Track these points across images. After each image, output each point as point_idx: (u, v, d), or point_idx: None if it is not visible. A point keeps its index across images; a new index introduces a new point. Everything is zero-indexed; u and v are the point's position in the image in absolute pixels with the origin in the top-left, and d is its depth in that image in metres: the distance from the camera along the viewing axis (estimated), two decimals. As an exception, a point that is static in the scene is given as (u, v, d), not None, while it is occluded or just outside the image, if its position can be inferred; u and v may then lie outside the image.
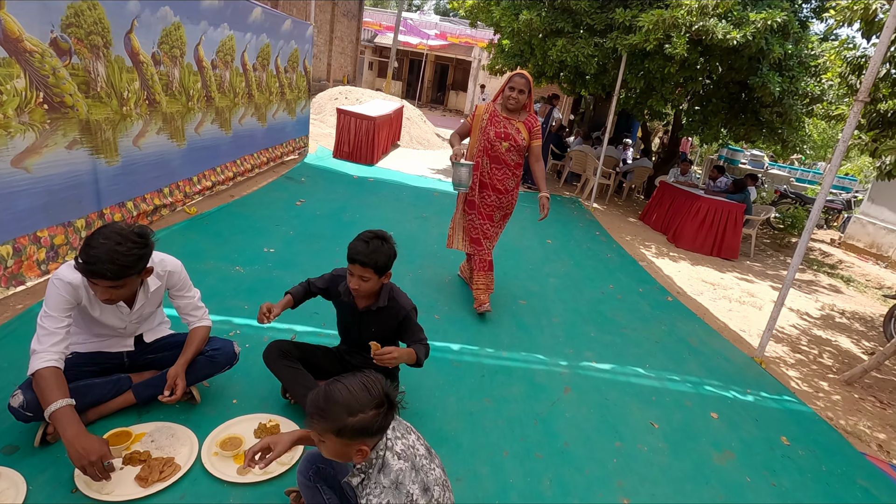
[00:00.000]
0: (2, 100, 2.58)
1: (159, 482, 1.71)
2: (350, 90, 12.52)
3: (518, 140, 3.37)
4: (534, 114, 3.44)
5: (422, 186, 7.58)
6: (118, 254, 1.62)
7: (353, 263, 1.98)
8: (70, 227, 3.16)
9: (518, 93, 3.28)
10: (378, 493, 1.25)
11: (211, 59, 4.90)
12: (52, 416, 1.58)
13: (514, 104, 3.31)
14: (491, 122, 3.40)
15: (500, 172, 3.46)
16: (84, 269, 1.62)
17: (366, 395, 1.26)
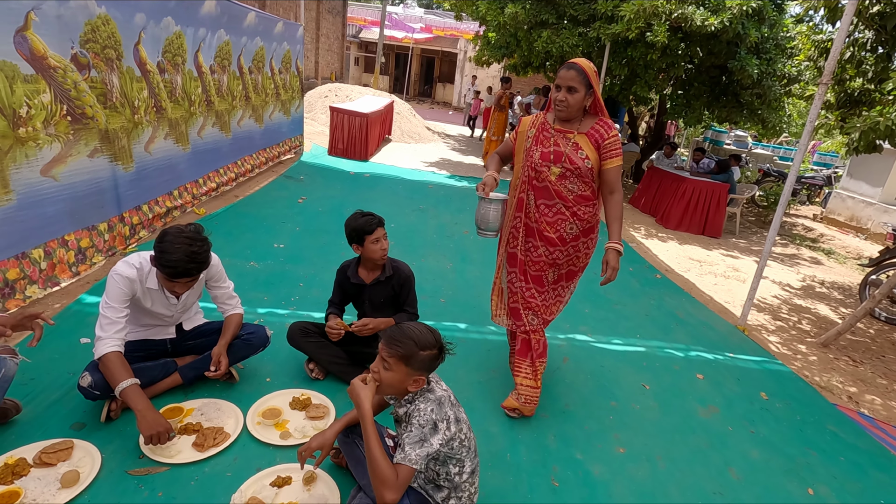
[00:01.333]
0: (31, 114, 2.77)
1: (213, 447, 1.95)
2: (339, 87, 12.65)
3: (577, 161, 2.21)
4: (605, 120, 2.24)
5: (416, 180, 7.80)
6: (196, 254, 1.90)
7: (375, 230, 2.37)
8: (94, 231, 3.36)
9: (567, 92, 2.15)
10: (424, 403, 1.54)
11: (209, 65, 5.07)
12: (122, 393, 1.83)
13: (565, 109, 2.18)
14: (537, 139, 2.30)
15: (552, 212, 2.29)
16: (172, 273, 1.88)
17: (431, 336, 1.56)
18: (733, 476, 2.31)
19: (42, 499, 1.65)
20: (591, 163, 2.21)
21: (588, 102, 2.20)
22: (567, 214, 2.27)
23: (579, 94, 2.14)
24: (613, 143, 2.20)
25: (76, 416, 2.04)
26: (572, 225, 2.29)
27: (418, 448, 1.48)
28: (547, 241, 2.32)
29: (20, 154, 2.73)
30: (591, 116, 2.26)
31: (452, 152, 11.30)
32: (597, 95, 2.18)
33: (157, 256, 1.90)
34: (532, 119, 2.37)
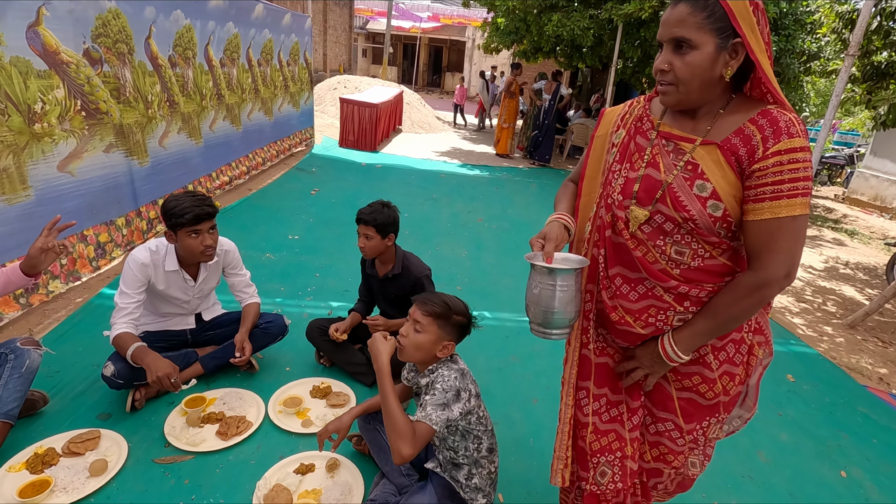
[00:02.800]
0: (45, 109, 2.78)
1: (237, 436, 1.96)
2: (348, 79, 12.60)
3: (688, 202, 1.10)
4: (776, 113, 1.04)
5: (428, 169, 7.76)
6: (202, 199, 2.05)
7: (358, 224, 2.30)
8: (112, 226, 3.38)
9: (674, 50, 1.06)
10: (448, 371, 1.53)
11: (219, 58, 5.06)
12: (132, 355, 1.91)
13: (671, 91, 1.10)
14: (625, 150, 1.24)
15: (637, 293, 1.21)
16: (192, 218, 1.99)
17: (462, 304, 1.59)
18: (762, 459, 2.26)
19: (72, 487, 1.66)
20: (720, 206, 1.07)
21: (730, 70, 1.05)
22: (669, 301, 1.16)
23: (700, 55, 1.03)
24: (789, 168, 1.01)
25: (102, 407, 2.06)
26: (671, 313, 1.17)
27: (440, 411, 1.44)
28: (623, 334, 1.24)
29: (37, 150, 2.75)
30: (746, 103, 1.10)
31: (463, 141, 11.22)
32: (755, 58, 1.04)
33: (172, 215, 1.97)
34: (624, 109, 1.28)
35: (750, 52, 1.04)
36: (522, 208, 6.16)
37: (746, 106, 1.11)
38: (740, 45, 1.05)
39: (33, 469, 1.70)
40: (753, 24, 1.04)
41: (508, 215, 5.76)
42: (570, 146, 10.26)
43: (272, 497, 1.67)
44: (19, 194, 2.65)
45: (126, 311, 2.00)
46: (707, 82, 1.08)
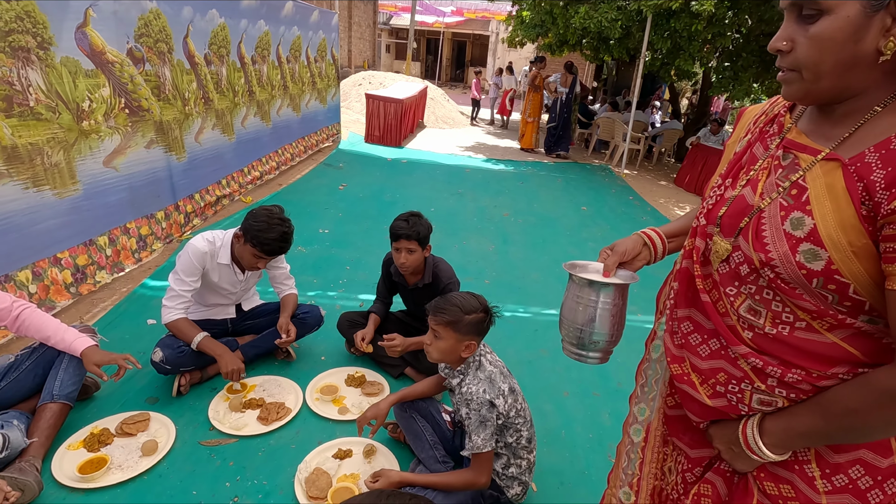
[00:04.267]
0: (92, 107, 2.91)
1: (277, 421, 2.03)
2: (373, 75, 12.69)
3: (772, 241, 0.77)
4: None
5: (453, 164, 7.78)
6: (287, 234, 2.12)
7: (399, 239, 2.22)
8: (152, 219, 3.51)
9: (798, 21, 0.74)
10: (476, 382, 1.57)
11: (251, 55, 5.17)
12: (199, 346, 2.05)
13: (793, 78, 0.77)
14: (738, 162, 0.92)
15: (707, 346, 0.88)
16: (267, 251, 2.08)
17: (475, 301, 1.61)
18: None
19: (126, 465, 1.76)
20: (821, 256, 0.72)
21: (893, 42, 0.68)
22: (745, 371, 0.83)
23: (835, 23, 0.70)
24: None
25: (150, 391, 2.16)
26: (760, 397, 0.82)
27: (482, 431, 1.53)
28: (691, 409, 0.93)
29: (84, 146, 2.87)
30: None
31: (488, 136, 11.19)
32: None
33: (255, 235, 2.05)
34: (764, 108, 0.97)
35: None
36: (548, 203, 6.14)
37: None
38: None
39: (90, 447, 1.80)
40: None
41: (534, 210, 5.75)
42: (595, 140, 10.14)
43: (313, 480, 1.73)
44: (69, 188, 2.77)
45: (182, 299, 2.10)
46: (848, 64, 0.71)
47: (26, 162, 2.48)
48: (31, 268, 2.55)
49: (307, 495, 1.69)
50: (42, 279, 2.60)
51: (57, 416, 1.80)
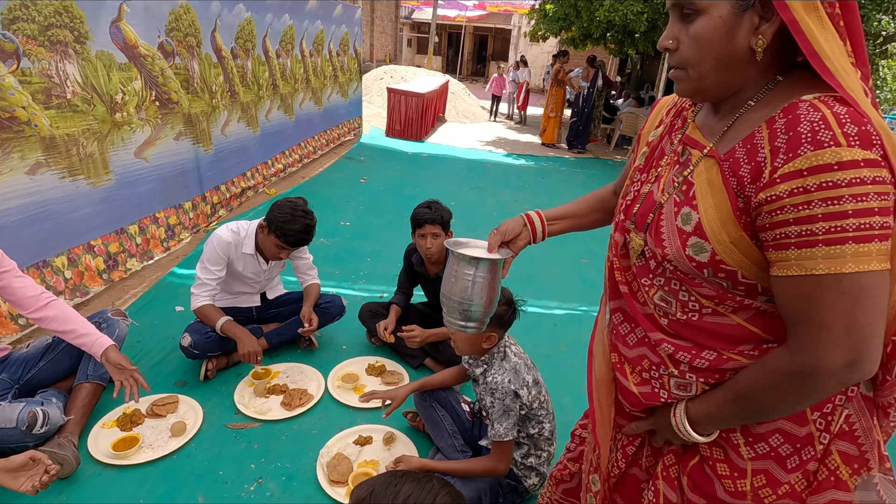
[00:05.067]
0: (125, 100, 2.99)
1: (300, 407, 2.08)
2: (394, 69, 12.72)
3: (666, 235, 0.82)
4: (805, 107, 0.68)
5: (474, 158, 7.77)
6: (310, 226, 2.17)
7: (424, 225, 2.25)
8: (180, 209, 3.61)
9: (680, 21, 0.77)
10: (501, 372, 1.58)
11: (275, 49, 5.25)
12: (222, 328, 2.12)
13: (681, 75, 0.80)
14: (652, 155, 0.95)
15: (633, 336, 0.94)
16: (290, 242, 2.13)
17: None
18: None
19: (157, 444, 1.83)
20: (706, 248, 0.77)
21: (761, 39, 0.72)
22: (662, 357, 0.88)
23: (709, 22, 0.73)
24: (820, 199, 0.65)
25: (178, 375, 2.23)
26: (677, 381, 0.87)
27: (505, 420, 1.55)
28: (627, 399, 0.96)
29: (117, 137, 2.96)
30: (792, 88, 0.74)
31: (508, 131, 11.13)
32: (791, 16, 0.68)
33: (279, 226, 2.10)
34: (675, 99, 0.98)
35: (778, 3, 0.68)
36: (569, 198, 5.99)
37: (788, 93, 0.73)
38: (767, 6, 0.70)
39: (123, 427, 1.88)
40: None
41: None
42: (618, 136, 10.00)
43: (335, 464, 1.78)
44: (102, 178, 2.87)
45: (208, 287, 2.18)
46: (727, 62, 0.75)
47: (63, 152, 2.57)
48: (67, 254, 2.65)
49: (329, 479, 1.74)
50: (76, 265, 2.70)
51: (91, 395, 1.87)
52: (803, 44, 0.69)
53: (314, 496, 1.71)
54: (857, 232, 0.64)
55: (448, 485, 0.97)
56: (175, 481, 1.72)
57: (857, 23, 0.71)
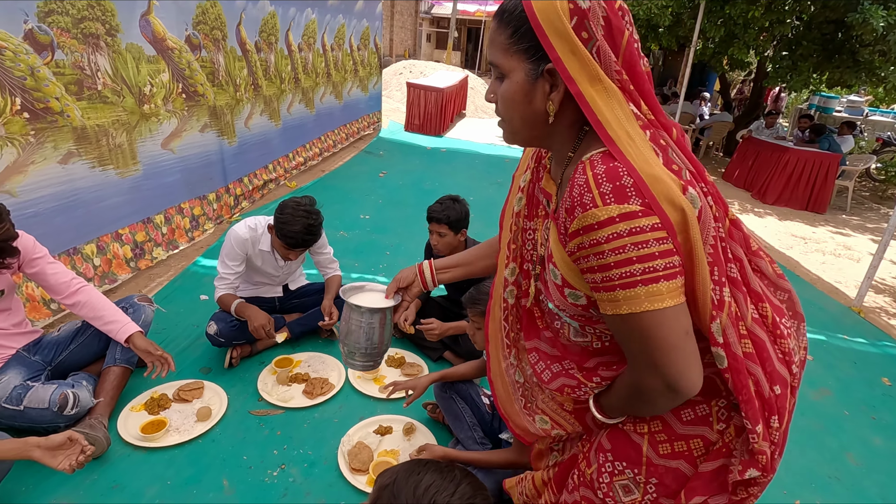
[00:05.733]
0: (153, 91, 3.05)
1: (321, 396, 2.10)
2: (414, 64, 12.72)
3: (549, 281, 0.89)
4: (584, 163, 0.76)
5: (493, 154, 7.74)
6: (312, 226, 2.12)
7: (431, 222, 2.30)
8: (204, 200, 3.67)
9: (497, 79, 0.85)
10: None
11: (298, 43, 5.28)
12: (236, 309, 2.16)
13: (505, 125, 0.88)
14: (531, 201, 1.02)
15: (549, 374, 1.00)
16: (291, 243, 2.11)
17: None
18: (851, 461, 2.13)
19: (183, 428, 1.87)
20: (582, 295, 0.84)
21: (552, 104, 0.81)
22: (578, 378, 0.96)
23: (511, 85, 0.82)
24: (595, 253, 0.75)
25: (203, 362, 2.28)
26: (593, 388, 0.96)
27: None
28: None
29: (145, 129, 3.02)
30: (589, 140, 0.83)
31: (527, 126, 11.06)
32: (574, 87, 0.76)
33: (279, 228, 2.09)
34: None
35: (564, 76, 0.75)
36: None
37: (587, 146, 0.81)
38: (550, 73, 0.78)
39: (150, 410, 1.92)
40: (568, 34, 0.74)
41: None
42: (639, 132, 9.85)
43: (355, 453, 1.79)
44: (130, 168, 2.93)
45: (226, 281, 2.23)
46: (530, 119, 0.83)
47: (93, 142, 2.63)
48: (96, 242, 2.72)
49: (350, 467, 1.75)
50: (105, 253, 2.77)
51: (120, 378, 1.92)
52: (587, 112, 0.77)
53: (336, 483, 1.73)
54: (645, 276, 0.72)
55: (470, 475, 0.97)
56: (200, 464, 1.76)
57: (648, 88, 0.80)
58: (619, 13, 0.76)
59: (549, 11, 0.75)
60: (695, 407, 0.90)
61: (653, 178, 0.72)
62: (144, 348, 1.85)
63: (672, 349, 0.76)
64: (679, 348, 0.76)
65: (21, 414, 1.67)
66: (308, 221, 2.10)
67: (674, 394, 0.79)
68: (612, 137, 0.75)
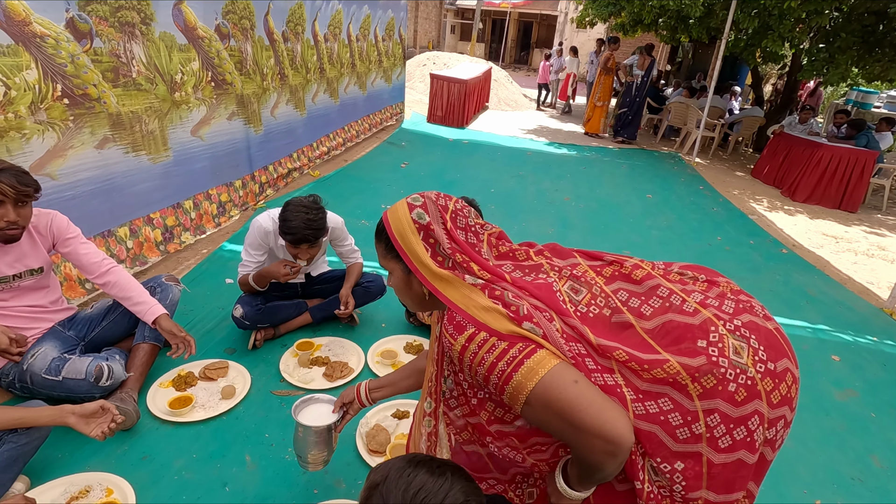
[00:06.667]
0: (184, 80, 3.12)
1: (341, 378, 2.15)
2: (437, 55, 12.68)
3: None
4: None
5: (515, 146, 7.70)
6: (312, 221, 2.06)
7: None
8: (231, 187, 3.75)
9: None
10: None
11: (323, 33, 5.33)
12: (254, 278, 2.26)
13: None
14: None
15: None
16: (292, 240, 2.08)
17: None
18: (876, 464, 2.09)
19: (209, 405, 1.94)
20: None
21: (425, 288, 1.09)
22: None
23: (395, 279, 1.14)
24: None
25: (228, 343, 2.35)
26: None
27: None
28: None
29: (175, 116, 3.10)
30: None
31: (551, 119, 10.94)
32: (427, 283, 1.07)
33: (281, 226, 2.08)
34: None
35: (419, 277, 1.06)
36: (611, 189, 5.95)
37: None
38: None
39: (178, 387, 2.00)
40: (411, 244, 1.05)
41: (596, 195, 5.60)
42: (665, 126, 9.66)
43: (373, 435, 1.84)
44: (161, 154, 3.02)
45: (249, 269, 2.28)
46: (416, 299, 1.14)
47: (127, 128, 2.72)
48: (129, 225, 2.81)
49: (368, 448, 1.80)
50: (137, 236, 2.87)
51: (148, 355, 2.00)
52: (438, 295, 1.04)
53: (353, 463, 1.77)
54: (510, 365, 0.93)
55: (464, 475, 0.93)
56: (224, 440, 1.83)
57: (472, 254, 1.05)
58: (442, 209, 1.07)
59: (402, 233, 1.05)
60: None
61: (482, 306, 0.98)
62: (169, 330, 1.92)
63: (587, 405, 0.89)
64: (592, 403, 0.89)
65: (60, 384, 1.76)
66: (307, 216, 2.04)
67: (612, 446, 0.88)
68: (457, 305, 1.01)
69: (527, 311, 0.96)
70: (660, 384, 0.92)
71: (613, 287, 1.07)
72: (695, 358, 0.91)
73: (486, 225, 1.14)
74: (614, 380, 0.94)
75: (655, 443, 0.92)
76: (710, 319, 0.95)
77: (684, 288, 1.04)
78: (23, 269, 1.80)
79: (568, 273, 1.09)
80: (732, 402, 0.89)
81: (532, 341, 0.93)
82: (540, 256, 1.16)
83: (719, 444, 0.90)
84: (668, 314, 0.99)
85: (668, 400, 0.91)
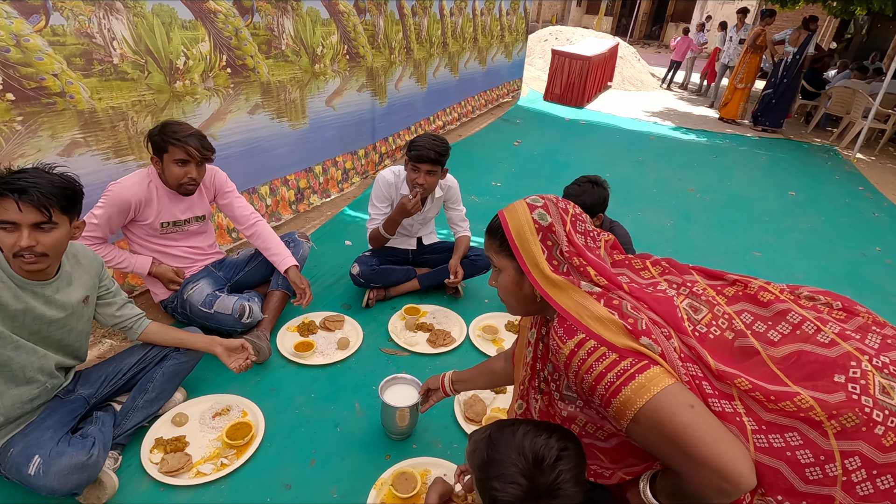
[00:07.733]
0: (323, 52, 3.36)
1: (443, 346, 2.25)
2: (560, 30, 12.17)
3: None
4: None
5: (636, 130, 7.23)
6: (436, 141, 2.25)
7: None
8: (355, 156, 4.01)
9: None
10: None
11: (450, 8, 5.37)
12: (383, 226, 2.39)
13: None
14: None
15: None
16: (416, 157, 2.24)
17: None
18: None
19: (326, 353, 2.16)
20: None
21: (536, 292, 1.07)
22: None
23: (506, 277, 1.11)
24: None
25: (344, 299, 2.56)
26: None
27: None
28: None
29: (314, 86, 3.36)
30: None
31: (679, 101, 10.05)
32: (539, 288, 1.04)
33: (408, 147, 2.26)
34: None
35: (532, 282, 1.03)
36: (744, 182, 5.36)
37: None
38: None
39: (302, 333, 2.24)
40: (528, 244, 1.03)
41: (726, 188, 5.09)
42: (821, 115, 8.38)
43: (471, 403, 1.91)
44: (300, 122, 3.30)
45: (378, 221, 2.45)
46: (524, 301, 1.11)
47: (275, 97, 3.01)
48: (269, 185, 3.15)
49: (465, 416, 1.88)
50: (275, 195, 3.20)
51: (280, 301, 2.26)
52: (539, 289, 1.03)
53: (450, 427, 1.87)
54: (620, 378, 0.89)
55: (560, 427, 1.04)
56: (338, 385, 2.02)
57: (591, 258, 1.03)
58: (563, 212, 1.07)
59: (520, 233, 1.04)
60: None
61: (598, 316, 0.94)
62: (294, 280, 2.17)
63: (702, 433, 0.83)
64: (708, 432, 0.83)
65: (211, 316, 2.06)
66: (433, 139, 2.25)
67: (728, 484, 0.81)
68: (566, 311, 0.98)
69: (645, 325, 0.92)
70: (788, 417, 0.83)
71: (736, 308, 0.99)
72: (832, 394, 0.81)
73: (602, 232, 1.13)
74: (733, 407, 0.87)
75: (778, 480, 0.84)
76: (851, 353, 0.85)
77: (819, 316, 0.93)
78: (191, 215, 2.11)
79: (686, 290, 1.02)
80: (879, 446, 0.78)
81: (645, 356, 0.88)
82: (657, 267, 1.11)
83: (857, 490, 0.80)
84: (800, 343, 0.89)
85: (798, 435, 0.83)
